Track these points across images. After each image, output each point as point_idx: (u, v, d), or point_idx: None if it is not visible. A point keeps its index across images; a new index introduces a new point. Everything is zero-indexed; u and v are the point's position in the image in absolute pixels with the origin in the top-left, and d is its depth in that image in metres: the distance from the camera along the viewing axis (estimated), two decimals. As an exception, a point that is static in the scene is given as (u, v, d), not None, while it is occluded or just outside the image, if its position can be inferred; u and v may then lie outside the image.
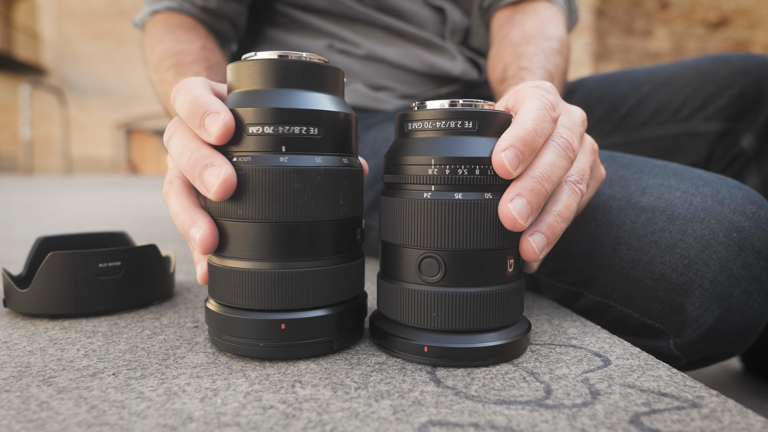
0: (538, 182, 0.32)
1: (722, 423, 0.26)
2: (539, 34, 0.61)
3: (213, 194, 0.31)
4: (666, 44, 6.23)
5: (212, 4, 0.67)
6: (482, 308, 0.33)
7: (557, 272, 0.49)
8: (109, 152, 9.83)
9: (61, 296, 0.42)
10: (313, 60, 0.34)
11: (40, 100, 9.20)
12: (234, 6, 0.70)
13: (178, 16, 0.67)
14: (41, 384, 0.30)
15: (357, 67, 0.73)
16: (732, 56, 0.70)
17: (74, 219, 1.29)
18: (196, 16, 0.68)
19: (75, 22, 9.79)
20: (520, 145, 0.31)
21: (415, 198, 0.33)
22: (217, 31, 0.71)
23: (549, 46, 0.59)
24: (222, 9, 0.69)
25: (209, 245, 0.33)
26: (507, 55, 0.60)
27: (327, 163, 0.33)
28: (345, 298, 0.35)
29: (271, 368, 0.33)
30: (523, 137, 0.32)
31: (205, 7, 0.67)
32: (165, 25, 0.66)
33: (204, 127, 0.32)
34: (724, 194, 0.43)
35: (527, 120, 0.33)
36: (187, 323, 0.41)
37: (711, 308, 0.40)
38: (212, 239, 0.33)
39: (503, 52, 0.62)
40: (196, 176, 0.32)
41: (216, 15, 0.69)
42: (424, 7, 0.74)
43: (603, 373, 0.32)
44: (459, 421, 0.26)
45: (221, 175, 0.31)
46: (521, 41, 0.61)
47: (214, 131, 0.31)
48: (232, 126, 0.32)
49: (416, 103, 0.35)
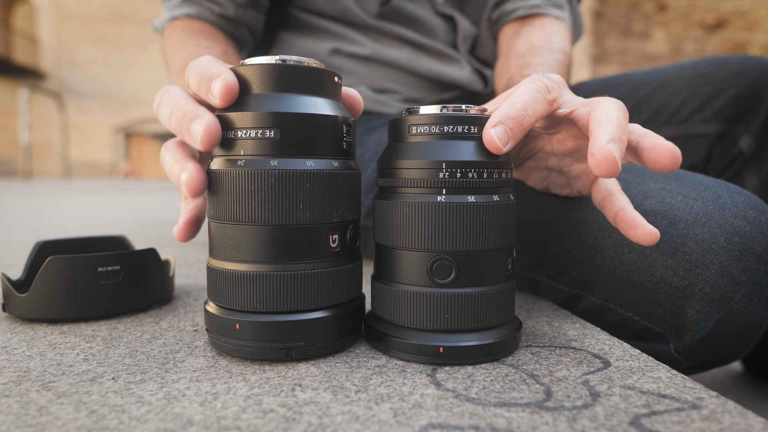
0: (519, 112, 0.34)
1: (722, 424, 0.26)
2: (544, 45, 0.63)
3: (199, 143, 0.32)
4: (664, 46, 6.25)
5: (230, 12, 0.68)
6: (490, 306, 0.34)
7: (558, 274, 0.49)
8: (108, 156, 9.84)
9: (60, 300, 0.42)
10: (311, 65, 0.34)
11: (39, 104, 9.20)
12: (252, 14, 0.70)
13: (197, 23, 0.68)
14: (41, 389, 0.30)
15: (362, 69, 0.74)
16: (729, 58, 0.70)
17: (73, 223, 1.29)
18: (215, 23, 0.68)
19: (74, 26, 9.81)
20: (510, 122, 0.33)
21: (426, 201, 0.33)
22: (235, 37, 0.71)
23: (553, 57, 0.61)
24: (240, 17, 0.69)
25: (196, 186, 0.34)
26: (512, 66, 0.62)
27: (320, 166, 0.33)
28: (344, 300, 0.36)
29: (271, 372, 0.32)
30: (513, 114, 0.34)
31: (223, 15, 0.68)
32: (185, 31, 0.67)
33: (210, 91, 0.33)
34: (725, 199, 0.43)
35: (518, 99, 0.34)
36: (187, 327, 0.41)
37: (711, 312, 0.40)
38: (198, 179, 0.34)
39: (509, 63, 0.64)
40: (184, 131, 0.33)
41: (234, 22, 0.69)
42: (435, 15, 0.75)
43: (603, 375, 0.32)
44: (459, 423, 0.26)
45: (204, 123, 0.32)
46: (526, 52, 0.62)
47: (216, 91, 0.32)
48: (233, 85, 0.32)
49: (408, 107, 0.35)
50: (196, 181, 0.34)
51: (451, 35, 0.76)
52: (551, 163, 0.44)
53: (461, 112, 0.34)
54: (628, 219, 0.35)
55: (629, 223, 0.35)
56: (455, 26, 0.75)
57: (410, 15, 0.73)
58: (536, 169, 0.46)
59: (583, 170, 0.42)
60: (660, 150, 0.33)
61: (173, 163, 0.36)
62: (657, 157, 0.33)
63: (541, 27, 0.67)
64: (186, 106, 0.34)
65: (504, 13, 0.71)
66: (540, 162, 0.45)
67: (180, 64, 0.62)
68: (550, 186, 0.46)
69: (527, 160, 0.45)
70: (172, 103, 0.35)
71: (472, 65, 0.76)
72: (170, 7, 0.69)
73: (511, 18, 0.70)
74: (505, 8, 0.71)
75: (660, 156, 0.33)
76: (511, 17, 0.70)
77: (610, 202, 0.37)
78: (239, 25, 0.70)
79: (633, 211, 0.36)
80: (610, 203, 0.37)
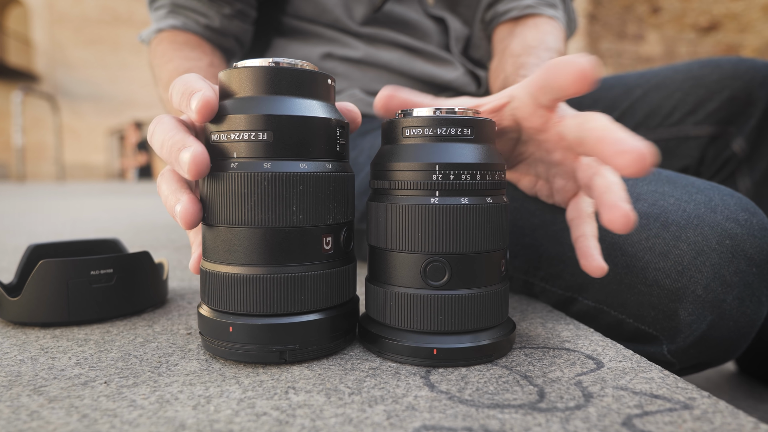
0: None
1: (714, 424, 0.26)
2: (540, 45, 0.63)
3: (187, 172, 0.32)
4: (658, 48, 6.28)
5: (216, 23, 0.68)
6: (484, 308, 0.34)
7: (552, 277, 0.49)
8: (103, 159, 9.80)
9: (52, 304, 0.41)
10: (304, 67, 0.34)
11: (33, 107, 9.16)
12: (238, 24, 0.70)
13: (183, 34, 0.67)
14: (32, 393, 0.30)
15: (355, 72, 0.73)
16: (722, 60, 0.71)
17: (67, 226, 1.29)
18: (201, 34, 0.68)
19: (68, 29, 9.77)
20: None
21: (419, 203, 0.33)
22: (222, 47, 0.71)
23: (549, 57, 0.61)
24: (226, 28, 0.69)
25: (190, 218, 0.34)
26: (508, 66, 0.62)
27: (313, 168, 0.33)
28: (338, 303, 0.35)
29: (265, 374, 0.32)
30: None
31: (209, 26, 0.67)
32: (171, 43, 0.66)
33: (189, 106, 0.33)
34: (716, 201, 0.43)
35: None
36: (180, 330, 0.41)
37: (704, 314, 0.41)
38: (192, 212, 0.34)
39: (504, 63, 0.64)
40: (174, 160, 0.33)
41: (220, 33, 0.69)
42: (426, 17, 0.75)
43: (596, 376, 0.32)
44: (453, 425, 0.26)
45: (191, 152, 0.32)
46: (522, 52, 0.62)
47: (194, 106, 0.33)
48: (211, 101, 0.33)
49: (401, 110, 0.35)
50: (190, 213, 0.34)
51: (443, 37, 0.76)
52: (539, 170, 0.44)
53: (454, 114, 0.34)
54: (582, 247, 0.38)
55: (583, 251, 0.38)
56: (446, 28, 0.76)
57: (402, 19, 0.73)
58: (526, 175, 0.46)
59: (562, 186, 0.43)
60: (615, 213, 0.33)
61: (169, 193, 0.36)
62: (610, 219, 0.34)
63: (535, 26, 0.67)
64: (176, 136, 0.34)
65: (497, 14, 0.72)
66: (530, 168, 0.45)
67: (167, 77, 0.62)
68: (538, 193, 0.47)
69: (520, 164, 0.46)
70: (163, 132, 0.35)
71: (465, 67, 0.76)
72: (156, 18, 0.69)
73: (505, 19, 0.70)
74: (498, 9, 0.71)
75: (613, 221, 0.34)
76: (504, 18, 0.70)
77: (577, 225, 0.40)
78: (226, 35, 0.70)
79: (592, 240, 0.38)
80: (576, 225, 0.40)
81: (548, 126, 0.39)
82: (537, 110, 0.38)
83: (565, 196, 0.43)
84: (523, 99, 0.39)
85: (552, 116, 0.38)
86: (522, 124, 0.40)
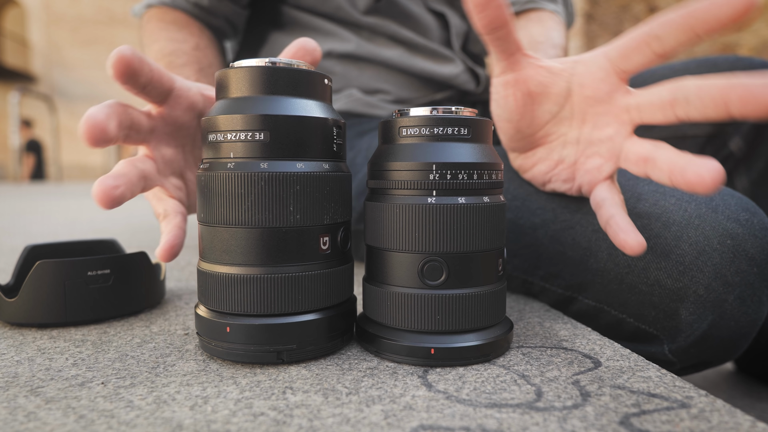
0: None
1: (711, 423, 0.26)
2: (546, 41, 0.63)
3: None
4: (654, 48, 6.30)
5: (205, 2, 0.67)
6: (481, 307, 0.34)
7: (551, 276, 0.49)
8: (100, 159, 9.77)
9: (49, 305, 0.41)
10: (301, 67, 0.34)
11: (30, 108, 9.13)
12: (228, 5, 0.69)
13: (171, 12, 0.67)
14: (29, 394, 0.30)
15: (353, 71, 0.73)
16: (719, 59, 0.71)
17: (64, 227, 1.28)
18: (190, 12, 0.67)
19: (64, 29, 9.75)
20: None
21: (416, 203, 0.33)
22: (212, 26, 0.70)
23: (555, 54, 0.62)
24: (215, 8, 0.68)
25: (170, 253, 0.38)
26: None
27: (310, 168, 0.33)
28: (335, 302, 0.35)
29: (262, 375, 0.32)
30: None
31: (197, 4, 0.67)
32: (158, 21, 0.66)
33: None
34: (717, 201, 0.43)
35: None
36: (178, 331, 0.41)
37: (705, 314, 0.41)
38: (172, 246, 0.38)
39: None
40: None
41: (209, 12, 0.69)
42: (427, 11, 0.74)
43: (593, 375, 0.32)
44: (450, 425, 0.26)
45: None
46: (528, 47, 0.62)
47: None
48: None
49: (398, 109, 0.35)
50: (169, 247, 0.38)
51: (444, 32, 0.75)
52: (566, 152, 0.43)
53: (451, 113, 0.34)
54: (619, 223, 0.37)
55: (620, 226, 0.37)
56: (447, 23, 0.75)
57: (404, 11, 0.72)
58: (545, 160, 0.45)
59: (597, 166, 0.41)
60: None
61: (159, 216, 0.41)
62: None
63: (539, 21, 0.67)
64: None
65: None
66: (553, 152, 0.43)
67: (152, 57, 0.62)
68: (552, 179, 0.45)
69: (539, 147, 0.44)
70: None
71: (465, 63, 0.76)
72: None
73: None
74: None
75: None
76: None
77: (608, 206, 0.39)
78: (216, 15, 0.69)
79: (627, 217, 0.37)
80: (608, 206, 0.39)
81: (614, 96, 0.38)
82: (609, 77, 0.38)
83: (596, 176, 0.41)
84: (595, 63, 0.38)
85: (622, 85, 0.37)
86: (580, 92, 0.39)
